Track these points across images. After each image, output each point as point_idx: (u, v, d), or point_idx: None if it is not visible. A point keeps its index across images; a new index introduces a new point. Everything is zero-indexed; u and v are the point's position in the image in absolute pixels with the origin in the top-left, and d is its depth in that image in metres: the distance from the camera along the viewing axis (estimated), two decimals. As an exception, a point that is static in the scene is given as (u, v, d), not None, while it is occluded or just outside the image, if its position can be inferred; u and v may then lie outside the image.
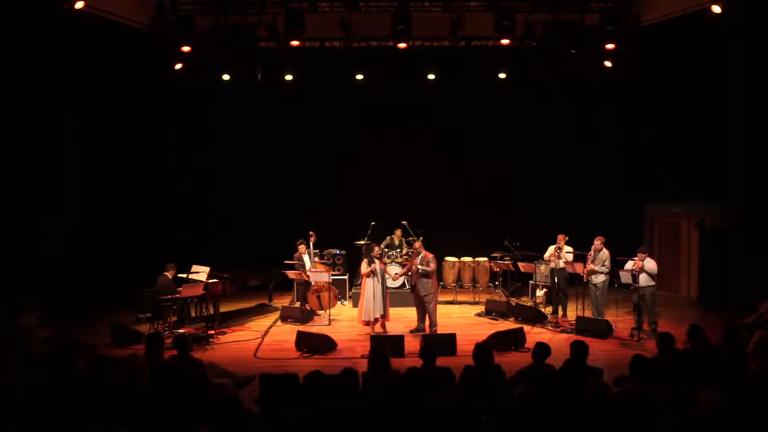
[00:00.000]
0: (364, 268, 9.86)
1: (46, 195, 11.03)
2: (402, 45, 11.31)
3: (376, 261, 9.85)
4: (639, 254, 9.57)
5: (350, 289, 12.60)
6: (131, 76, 11.83)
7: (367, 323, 9.79)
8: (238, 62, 11.44)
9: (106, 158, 12.13)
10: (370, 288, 9.75)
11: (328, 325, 10.53)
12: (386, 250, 12.37)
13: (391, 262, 12.11)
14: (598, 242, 10.14)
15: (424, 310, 9.94)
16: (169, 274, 10.15)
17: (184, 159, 13.60)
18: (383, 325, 9.92)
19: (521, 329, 9.29)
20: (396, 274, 11.01)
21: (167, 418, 4.16)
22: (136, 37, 11.05)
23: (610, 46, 11.02)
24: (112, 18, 10.72)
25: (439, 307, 11.75)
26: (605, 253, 10.10)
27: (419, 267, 9.77)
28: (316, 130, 13.78)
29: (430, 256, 9.86)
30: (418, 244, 10.11)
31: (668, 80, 12.35)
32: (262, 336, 9.96)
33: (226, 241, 13.17)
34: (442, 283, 13.13)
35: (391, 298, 10.44)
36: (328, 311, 10.88)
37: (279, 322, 10.89)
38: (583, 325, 9.72)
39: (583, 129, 13.62)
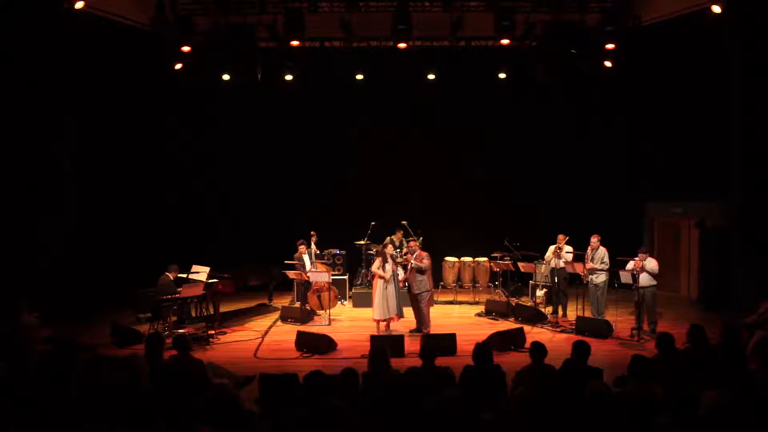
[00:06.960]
0: (376, 266, 9.80)
1: (46, 195, 11.03)
2: (402, 45, 11.32)
3: (390, 261, 9.74)
4: (640, 254, 9.57)
5: (350, 289, 12.60)
6: (131, 76, 11.83)
7: (386, 323, 9.78)
8: (238, 62, 11.42)
9: (106, 158, 12.14)
10: (381, 287, 9.67)
11: (328, 325, 10.53)
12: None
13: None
14: (594, 240, 10.15)
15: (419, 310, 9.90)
16: (171, 275, 10.15)
17: (184, 159, 13.61)
18: (388, 325, 9.91)
19: (521, 329, 9.29)
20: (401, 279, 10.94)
21: (167, 418, 4.16)
22: (136, 37, 11.06)
23: (610, 46, 11.02)
24: (112, 18, 10.72)
25: (439, 307, 11.80)
26: (602, 250, 10.11)
27: (412, 262, 9.79)
28: (316, 130, 13.79)
29: (424, 254, 9.87)
30: (413, 243, 10.15)
31: (668, 80, 12.35)
32: (262, 336, 9.96)
33: (226, 241, 13.18)
34: (442, 283, 13.15)
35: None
36: (328, 311, 10.88)
37: (279, 322, 10.89)
38: (583, 325, 9.72)
39: (582, 129, 13.63)
